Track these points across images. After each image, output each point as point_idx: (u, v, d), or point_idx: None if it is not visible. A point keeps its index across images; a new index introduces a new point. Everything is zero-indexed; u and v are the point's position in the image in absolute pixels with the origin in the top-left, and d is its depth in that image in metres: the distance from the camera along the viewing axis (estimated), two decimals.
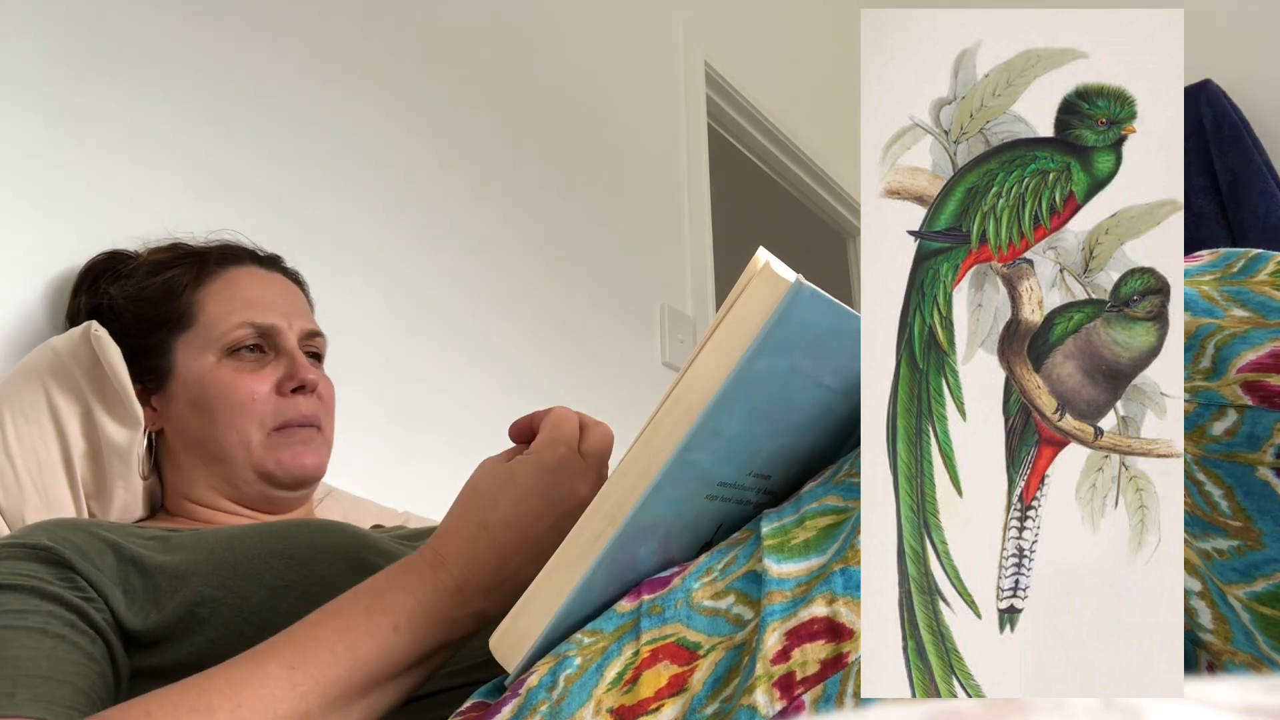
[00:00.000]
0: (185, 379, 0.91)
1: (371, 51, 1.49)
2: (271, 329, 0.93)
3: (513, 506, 0.57)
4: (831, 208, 2.81)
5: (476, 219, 1.61)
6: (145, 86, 1.18)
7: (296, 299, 1.00)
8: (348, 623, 0.55)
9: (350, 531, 0.77)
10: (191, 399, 0.91)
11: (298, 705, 0.52)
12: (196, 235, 1.04)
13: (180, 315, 0.93)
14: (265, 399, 0.90)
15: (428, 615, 0.55)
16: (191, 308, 0.93)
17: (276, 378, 0.92)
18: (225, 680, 0.53)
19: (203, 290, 0.94)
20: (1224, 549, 0.36)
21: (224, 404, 0.89)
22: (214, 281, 0.95)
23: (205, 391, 0.90)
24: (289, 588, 0.69)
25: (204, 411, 0.90)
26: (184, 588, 0.68)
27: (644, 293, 1.95)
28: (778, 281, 0.45)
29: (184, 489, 0.92)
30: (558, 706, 0.46)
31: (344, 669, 0.53)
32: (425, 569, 0.57)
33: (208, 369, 0.91)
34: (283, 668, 0.53)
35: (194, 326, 0.93)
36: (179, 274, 0.95)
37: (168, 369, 0.92)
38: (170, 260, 0.97)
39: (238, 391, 0.89)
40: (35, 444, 0.89)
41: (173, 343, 0.93)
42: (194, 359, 0.92)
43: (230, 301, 0.94)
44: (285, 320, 0.95)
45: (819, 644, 0.41)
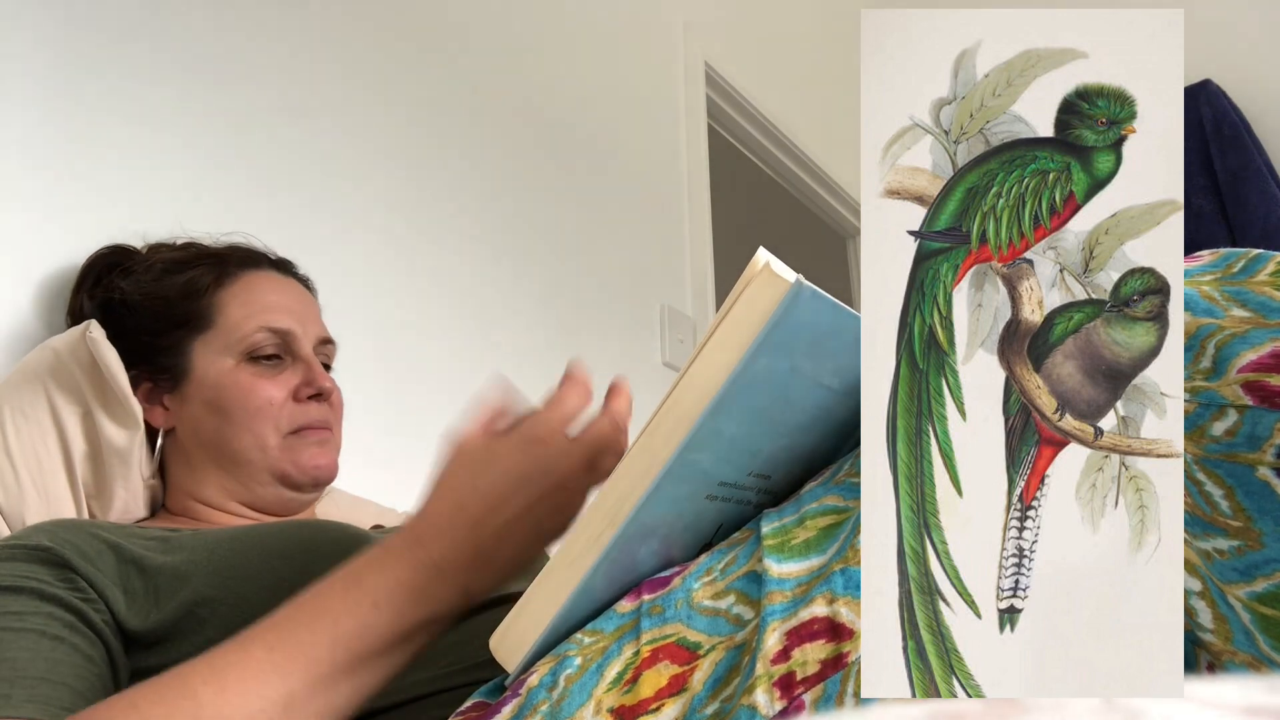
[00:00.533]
0: (202, 380, 0.92)
1: (371, 51, 1.49)
2: (290, 335, 0.94)
3: (492, 487, 0.57)
4: (831, 208, 2.81)
5: (476, 219, 1.61)
6: (142, 86, 1.18)
7: (311, 306, 1.01)
8: (326, 603, 0.55)
9: (350, 531, 0.77)
10: (208, 400, 0.91)
11: (280, 686, 0.52)
12: (204, 234, 1.04)
13: (200, 316, 0.93)
14: (282, 404, 0.91)
15: (406, 591, 0.56)
16: (211, 309, 0.94)
17: (293, 384, 0.93)
18: (208, 666, 0.53)
19: (223, 292, 0.95)
20: (1224, 549, 0.36)
21: (241, 408, 0.90)
22: (234, 284, 0.96)
23: (223, 394, 0.90)
24: (289, 588, 0.69)
25: (221, 414, 0.90)
26: (184, 588, 0.69)
27: (644, 293, 1.95)
28: (778, 282, 0.45)
29: (192, 489, 0.92)
30: (558, 706, 0.46)
31: (324, 648, 0.54)
32: (402, 548, 0.57)
33: (226, 372, 0.91)
34: (264, 649, 0.53)
35: (213, 328, 0.93)
36: (199, 274, 0.95)
37: (184, 369, 0.93)
38: (189, 260, 0.97)
39: (255, 396, 0.90)
40: (35, 444, 0.89)
41: (190, 343, 0.93)
42: (212, 361, 0.92)
43: (250, 305, 0.94)
44: (302, 327, 0.96)
45: (819, 644, 0.41)
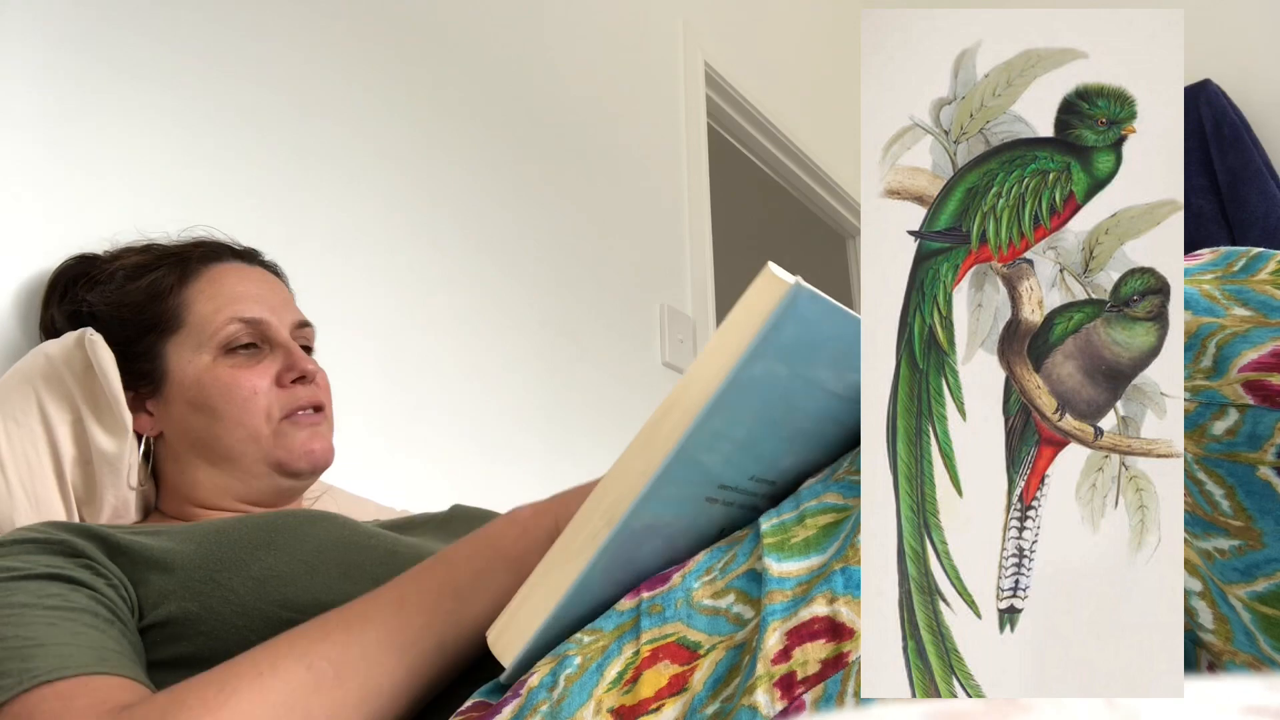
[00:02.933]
0: (182, 381, 0.91)
1: (371, 50, 1.49)
2: (262, 323, 0.93)
3: None
4: (831, 208, 2.81)
5: (476, 218, 1.61)
6: (137, 85, 1.18)
7: (281, 291, 1.00)
8: None
9: (339, 520, 0.77)
10: (191, 400, 0.90)
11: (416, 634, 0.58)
12: (169, 234, 1.03)
13: (169, 318, 0.92)
14: (267, 392, 0.90)
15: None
16: (179, 309, 0.93)
17: (275, 370, 0.92)
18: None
19: (188, 290, 0.94)
20: (1225, 549, 0.36)
21: (227, 402, 0.89)
22: (198, 280, 0.94)
23: (205, 392, 0.90)
24: (277, 578, 0.69)
25: (206, 411, 0.90)
26: (172, 581, 0.69)
27: (644, 293, 1.95)
28: (776, 284, 0.44)
29: (187, 491, 0.92)
30: (558, 706, 0.46)
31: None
32: None
33: (204, 369, 0.90)
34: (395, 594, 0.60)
35: (184, 328, 0.92)
36: (162, 275, 0.94)
37: (162, 373, 0.92)
38: (150, 262, 0.96)
39: (239, 388, 0.89)
40: (27, 449, 0.89)
41: (164, 346, 0.92)
42: (188, 360, 0.91)
43: (217, 299, 0.93)
44: (275, 314, 0.95)
45: (819, 643, 0.41)
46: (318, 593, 0.69)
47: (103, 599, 0.65)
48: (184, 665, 0.68)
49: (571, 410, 1.67)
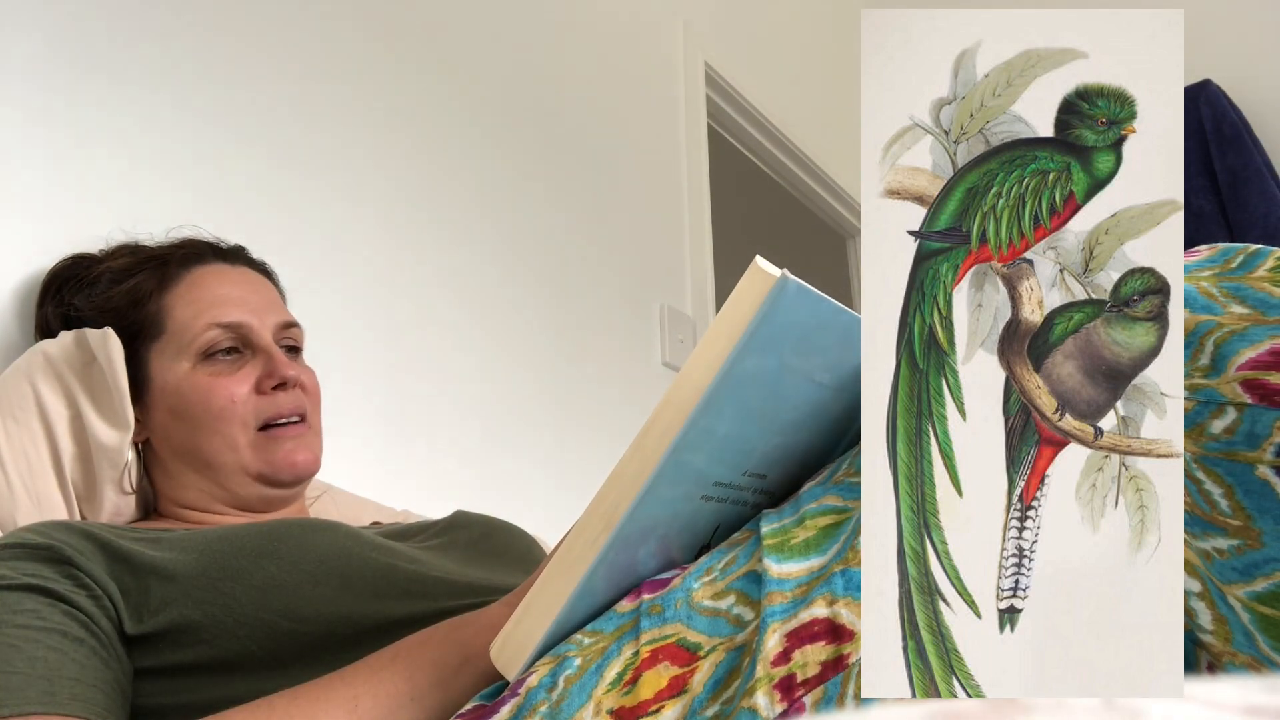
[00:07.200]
0: (163, 388, 0.90)
1: (370, 51, 1.49)
2: (243, 327, 0.91)
3: None
4: (831, 208, 2.81)
5: (476, 218, 1.61)
6: (132, 84, 1.18)
7: (266, 291, 0.98)
8: None
9: (341, 529, 0.77)
10: (172, 408, 0.89)
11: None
12: (155, 234, 1.02)
13: (149, 323, 0.91)
14: (245, 400, 0.89)
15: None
16: (159, 315, 0.91)
17: (255, 377, 0.90)
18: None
19: (168, 295, 0.92)
20: (1224, 548, 0.36)
21: (204, 410, 0.88)
22: (178, 285, 0.93)
23: (184, 400, 0.89)
24: (280, 587, 0.69)
25: (186, 419, 0.89)
26: (174, 589, 0.69)
27: (644, 293, 1.95)
28: (764, 277, 0.44)
29: (176, 495, 0.91)
30: (557, 707, 0.46)
31: None
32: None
33: (184, 376, 0.89)
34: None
35: (164, 334, 0.91)
36: (142, 280, 0.93)
37: (144, 379, 0.91)
38: (132, 266, 0.95)
39: (216, 396, 0.88)
40: (26, 446, 0.88)
41: (146, 352, 0.91)
42: (168, 367, 0.90)
43: (197, 304, 0.91)
44: (256, 317, 0.92)
45: (819, 645, 0.41)
46: (319, 604, 0.69)
47: (78, 614, 0.65)
48: (184, 673, 0.68)
49: (571, 411, 1.67)
